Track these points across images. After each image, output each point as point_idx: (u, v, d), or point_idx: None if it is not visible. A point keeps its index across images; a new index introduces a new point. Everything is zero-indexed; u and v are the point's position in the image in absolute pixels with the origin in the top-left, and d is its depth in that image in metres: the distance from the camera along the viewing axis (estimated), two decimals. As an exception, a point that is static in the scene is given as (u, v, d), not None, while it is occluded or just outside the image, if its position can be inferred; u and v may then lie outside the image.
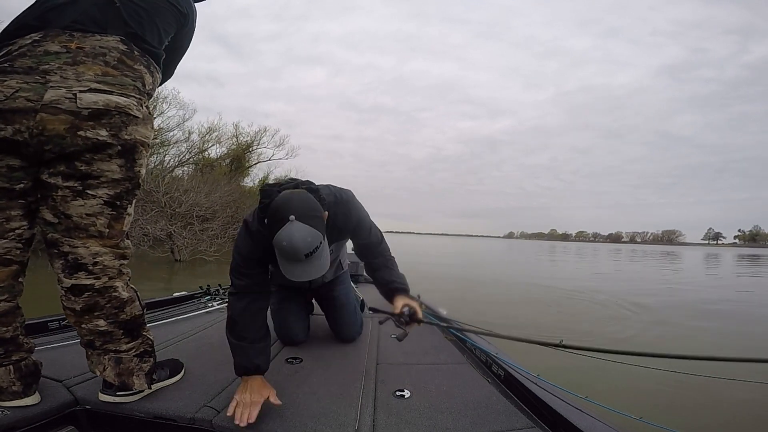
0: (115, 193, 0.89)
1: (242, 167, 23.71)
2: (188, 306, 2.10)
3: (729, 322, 4.71)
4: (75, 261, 0.88)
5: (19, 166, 0.83)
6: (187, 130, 16.82)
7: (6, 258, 0.85)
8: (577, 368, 2.35)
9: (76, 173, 0.85)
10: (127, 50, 0.91)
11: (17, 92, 0.78)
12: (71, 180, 0.85)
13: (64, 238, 0.87)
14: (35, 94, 0.79)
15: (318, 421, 0.93)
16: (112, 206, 0.89)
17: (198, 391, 1.05)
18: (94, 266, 0.89)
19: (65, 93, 0.81)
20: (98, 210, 0.88)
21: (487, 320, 3.72)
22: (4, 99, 0.78)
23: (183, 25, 1.08)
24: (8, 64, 0.82)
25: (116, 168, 0.88)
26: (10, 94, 0.78)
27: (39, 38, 0.85)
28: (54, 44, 0.85)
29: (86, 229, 0.87)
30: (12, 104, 0.78)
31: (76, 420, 0.95)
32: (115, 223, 0.91)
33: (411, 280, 1.32)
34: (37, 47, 0.84)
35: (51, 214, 0.86)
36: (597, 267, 14.06)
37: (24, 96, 0.79)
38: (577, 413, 0.93)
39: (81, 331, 0.94)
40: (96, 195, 0.87)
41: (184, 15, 1.06)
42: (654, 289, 7.46)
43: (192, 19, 1.11)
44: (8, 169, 0.82)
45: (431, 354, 1.50)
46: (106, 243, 0.91)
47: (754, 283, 9.94)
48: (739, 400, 2.24)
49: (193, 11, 1.12)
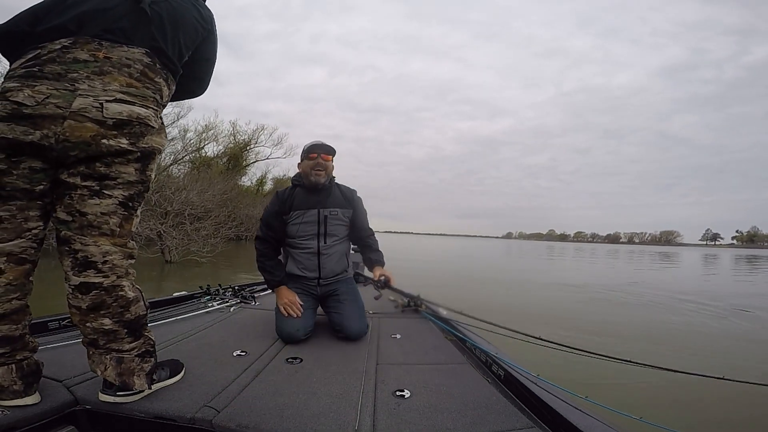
0: (129, 195, 0.93)
1: (239, 166, 23.64)
2: (188, 306, 2.10)
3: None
4: (85, 259, 0.89)
5: (41, 168, 0.85)
6: (183, 127, 16.78)
7: (22, 257, 0.87)
8: (578, 368, 2.36)
9: (94, 173, 0.87)
10: (150, 63, 0.95)
11: (48, 98, 0.81)
12: (89, 180, 0.87)
13: (77, 235, 0.88)
14: (64, 101, 0.82)
15: (318, 421, 0.93)
16: (125, 207, 0.92)
17: (198, 391, 1.05)
18: (103, 264, 0.91)
19: (92, 102, 0.84)
20: (112, 209, 0.90)
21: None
22: (36, 104, 0.80)
23: (205, 39, 1.12)
24: (38, 68, 0.84)
25: (132, 171, 0.92)
26: (41, 100, 0.81)
27: (69, 44, 0.87)
28: (83, 52, 0.87)
29: (99, 227, 0.89)
30: (42, 110, 0.81)
31: (76, 420, 0.94)
32: (125, 223, 0.94)
33: (411, 282, 1.34)
34: (67, 54, 0.86)
35: (66, 212, 0.88)
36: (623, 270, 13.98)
37: (54, 102, 0.81)
38: (577, 413, 0.94)
39: (85, 329, 0.94)
40: (112, 195, 0.90)
41: (207, 30, 1.11)
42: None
43: (215, 34, 1.16)
44: (30, 170, 0.84)
45: (431, 354, 1.50)
46: (117, 242, 0.93)
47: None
48: (738, 400, 2.25)
49: (215, 25, 1.16)
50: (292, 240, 1.78)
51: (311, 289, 1.80)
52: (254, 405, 0.99)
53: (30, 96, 0.80)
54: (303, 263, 1.78)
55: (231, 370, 1.22)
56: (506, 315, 4.19)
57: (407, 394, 1.10)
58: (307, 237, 1.75)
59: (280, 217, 1.75)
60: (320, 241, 1.75)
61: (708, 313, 5.42)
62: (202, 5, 1.13)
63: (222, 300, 2.25)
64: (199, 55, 1.12)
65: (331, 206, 1.77)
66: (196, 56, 1.11)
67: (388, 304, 2.31)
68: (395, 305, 2.30)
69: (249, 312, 2.05)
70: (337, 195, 1.81)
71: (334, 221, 1.77)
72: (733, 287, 9.48)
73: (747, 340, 4.07)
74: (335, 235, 1.79)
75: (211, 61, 1.18)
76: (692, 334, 4.22)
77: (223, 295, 2.33)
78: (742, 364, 3.15)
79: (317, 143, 1.77)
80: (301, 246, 1.77)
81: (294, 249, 1.79)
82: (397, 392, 1.11)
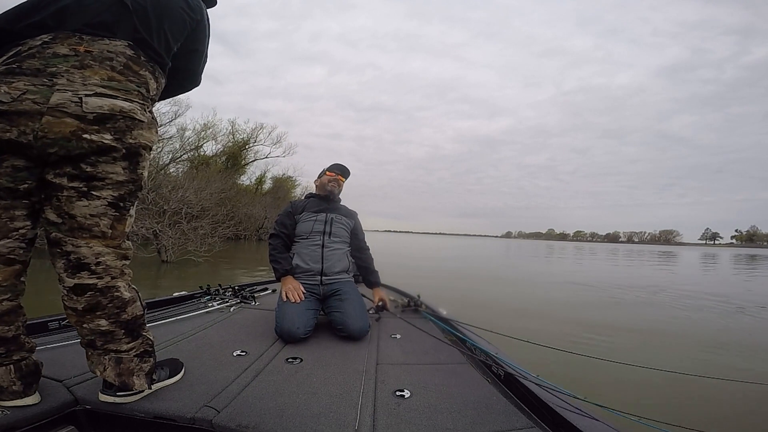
0: (119, 195, 0.91)
1: (238, 165, 23.57)
2: (188, 306, 2.10)
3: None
4: (78, 261, 0.88)
5: (24, 166, 0.83)
6: (181, 126, 16.70)
7: (9, 257, 0.85)
8: (578, 368, 2.36)
9: (81, 174, 0.85)
10: (134, 56, 0.92)
11: (24, 94, 0.79)
12: (76, 181, 0.85)
13: (68, 237, 0.87)
14: (42, 96, 0.80)
15: (318, 421, 0.93)
16: (115, 207, 0.90)
17: (198, 391, 1.05)
18: (96, 266, 0.89)
19: (71, 96, 0.81)
20: (102, 211, 0.88)
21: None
22: (11, 101, 0.78)
23: (194, 29, 1.09)
24: (17, 65, 0.82)
25: (120, 170, 0.89)
26: (17, 96, 0.78)
27: (48, 40, 0.85)
28: (63, 47, 0.85)
29: (90, 230, 0.88)
30: (18, 106, 0.78)
31: (76, 420, 0.94)
32: (117, 224, 0.92)
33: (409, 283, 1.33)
34: (47, 49, 0.84)
35: (55, 213, 0.86)
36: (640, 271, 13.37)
37: (31, 98, 0.79)
38: (577, 413, 0.94)
39: (82, 331, 0.93)
40: (100, 196, 0.88)
41: (196, 21, 1.08)
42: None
43: (204, 24, 1.13)
44: (13, 169, 0.82)
45: (431, 354, 1.50)
46: (109, 243, 0.91)
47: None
48: (737, 400, 2.25)
49: (205, 16, 1.13)
50: (300, 235, 2.00)
51: (314, 288, 1.86)
52: (254, 405, 0.99)
53: (6, 93, 0.78)
54: (309, 255, 1.94)
55: (231, 370, 1.22)
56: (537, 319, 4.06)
57: (407, 394, 1.10)
58: (314, 233, 1.98)
59: (292, 217, 2.04)
60: (325, 237, 1.97)
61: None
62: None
63: (222, 300, 2.25)
64: (188, 46, 1.09)
65: (336, 213, 2.06)
66: (185, 48, 1.08)
67: (388, 304, 2.31)
68: (395, 305, 2.31)
69: (249, 312, 2.05)
70: (342, 208, 2.14)
71: (339, 224, 2.03)
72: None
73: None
74: (338, 235, 2.01)
75: (200, 51, 1.15)
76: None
77: (223, 295, 2.33)
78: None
79: (339, 164, 2.17)
80: (307, 239, 1.98)
81: (301, 243, 1.99)
82: (397, 392, 1.11)
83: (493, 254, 22.26)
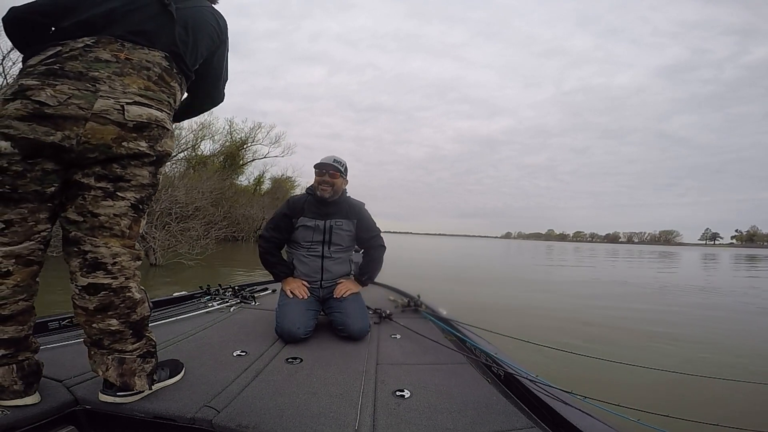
0: (140, 197, 0.93)
1: (236, 165, 23.47)
2: (188, 306, 2.10)
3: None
4: (94, 260, 0.89)
5: (53, 170, 0.84)
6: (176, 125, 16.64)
7: (29, 259, 0.86)
8: (578, 368, 2.36)
9: (110, 175, 0.87)
10: (168, 67, 0.95)
11: (70, 98, 0.80)
12: (104, 181, 0.87)
13: (87, 236, 0.88)
14: (87, 102, 0.81)
15: (318, 421, 0.93)
16: (135, 209, 0.93)
17: (198, 391, 1.05)
18: (113, 266, 0.90)
19: (113, 104, 0.84)
20: (124, 211, 0.90)
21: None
22: (58, 104, 0.79)
23: (218, 47, 1.12)
24: (58, 66, 0.83)
25: (147, 174, 0.93)
26: (63, 100, 0.79)
27: (91, 43, 0.86)
28: (105, 52, 0.86)
29: (110, 228, 0.89)
30: (64, 110, 0.80)
31: (76, 420, 0.94)
32: (135, 225, 0.94)
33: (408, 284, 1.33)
34: (89, 53, 0.85)
35: (77, 212, 0.87)
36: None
37: (76, 103, 0.80)
38: (577, 413, 0.94)
39: (90, 330, 0.94)
40: (125, 197, 0.90)
41: (221, 40, 1.12)
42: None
43: (226, 44, 1.16)
44: (43, 172, 0.83)
45: (431, 354, 1.50)
46: (126, 243, 0.93)
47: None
48: (737, 399, 2.25)
49: (227, 35, 1.16)
50: (299, 244, 1.88)
51: (314, 290, 1.85)
52: (254, 405, 0.99)
53: (52, 96, 0.79)
54: (308, 265, 1.86)
55: (231, 370, 1.22)
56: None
57: (407, 394, 1.10)
58: (313, 243, 1.86)
59: (288, 220, 1.87)
60: (325, 248, 1.86)
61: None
62: (218, 14, 1.12)
63: (222, 300, 2.25)
64: (209, 63, 1.12)
65: (336, 217, 1.87)
66: (206, 65, 1.11)
67: (388, 304, 2.31)
68: (395, 305, 2.30)
69: (249, 312, 2.05)
70: (344, 208, 1.89)
71: (339, 231, 1.87)
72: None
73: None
74: (339, 244, 1.89)
75: (219, 71, 1.17)
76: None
77: (223, 296, 2.34)
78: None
79: (325, 161, 1.84)
80: (306, 249, 1.87)
81: (299, 252, 1.88)
82: (397, 392, 1.11)
83: (501, 255, 21.94)
